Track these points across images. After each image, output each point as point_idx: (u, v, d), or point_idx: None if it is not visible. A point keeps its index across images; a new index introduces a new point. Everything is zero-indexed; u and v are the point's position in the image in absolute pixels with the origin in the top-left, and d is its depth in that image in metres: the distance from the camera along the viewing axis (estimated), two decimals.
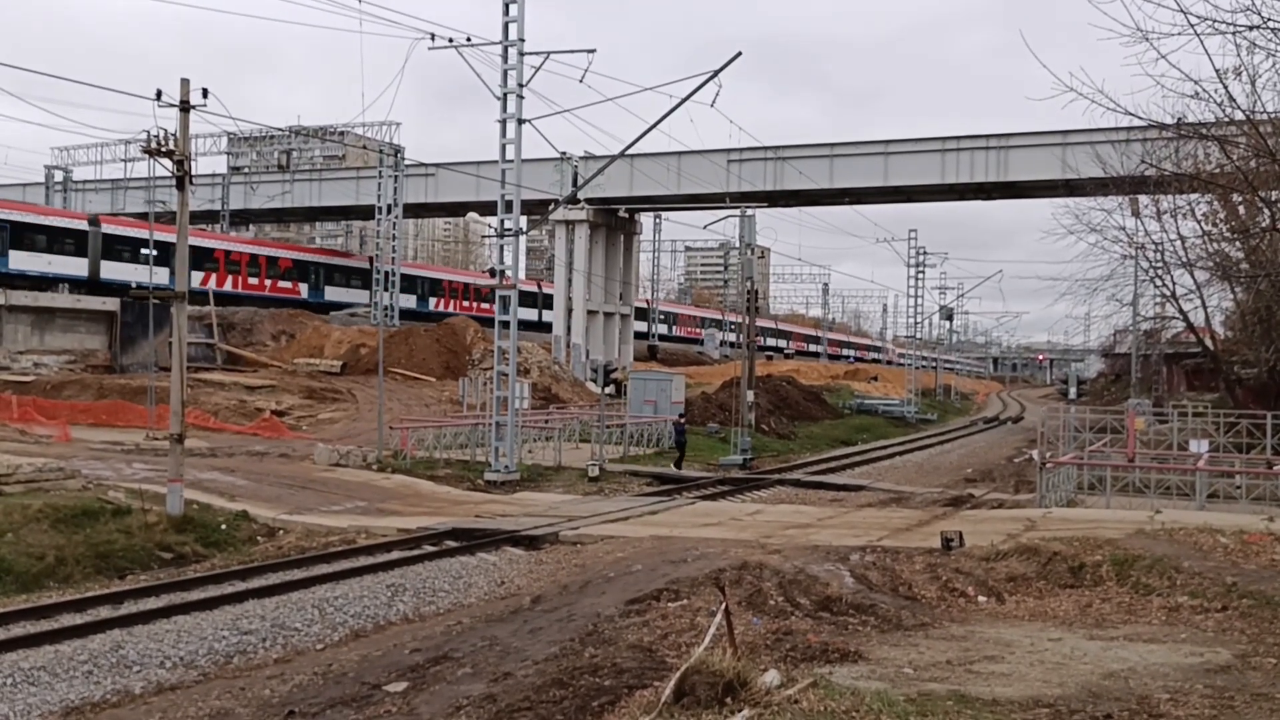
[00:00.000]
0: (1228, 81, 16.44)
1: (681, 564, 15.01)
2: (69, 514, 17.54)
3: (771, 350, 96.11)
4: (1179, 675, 9.43)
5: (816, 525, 20.38)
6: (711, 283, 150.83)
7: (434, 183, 60.18)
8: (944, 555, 15.32)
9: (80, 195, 68.79)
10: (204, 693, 11.21)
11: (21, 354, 45.58)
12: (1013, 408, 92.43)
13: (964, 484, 33.02)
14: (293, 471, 26.92)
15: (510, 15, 27.80)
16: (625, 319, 62.26)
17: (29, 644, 12.20)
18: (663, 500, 24.90)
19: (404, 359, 49.15)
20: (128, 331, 48.21)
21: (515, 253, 29.33)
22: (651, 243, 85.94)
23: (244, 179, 71.18)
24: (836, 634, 11.12)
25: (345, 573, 16.23)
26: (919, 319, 77.56)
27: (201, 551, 17.83)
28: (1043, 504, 23.26)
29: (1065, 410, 35.89)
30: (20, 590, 15.11)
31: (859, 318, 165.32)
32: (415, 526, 20.01)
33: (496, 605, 14.71)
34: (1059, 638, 11.24)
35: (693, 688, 7.51)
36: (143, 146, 19.00)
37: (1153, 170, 28.82)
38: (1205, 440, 29.33)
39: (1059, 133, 45.37)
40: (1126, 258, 40.40)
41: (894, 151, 51.92)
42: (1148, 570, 13.88)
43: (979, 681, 9.20)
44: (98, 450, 28.69)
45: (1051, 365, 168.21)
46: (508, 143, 28.20)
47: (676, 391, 41.16)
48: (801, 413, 51.94)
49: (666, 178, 51.96)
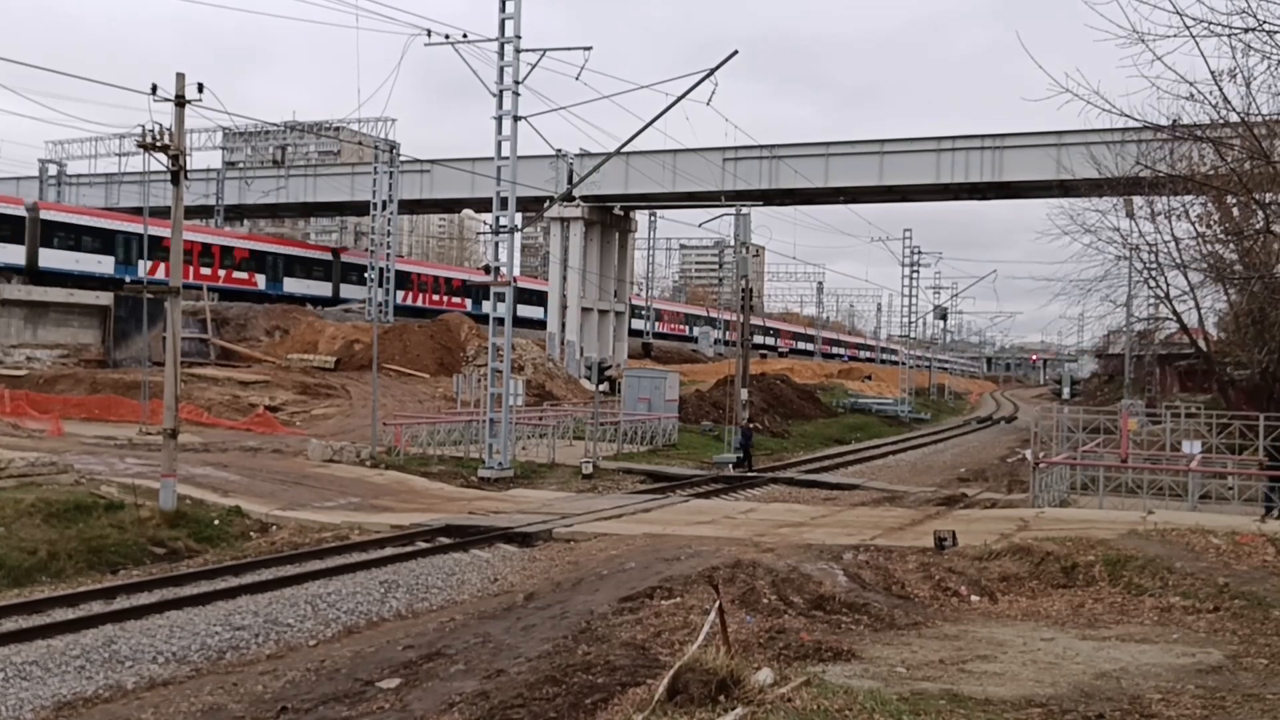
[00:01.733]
0: (1223, 83, 16.50)
1: (675, 562, 15.01)
2: (61, 508, 17.50)
3: (766, 349, 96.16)
4: (1171, 675, 9.45)
5: (810, 524, 20.40)
6: (706, 281, 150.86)
7: (429, 179, 60.12)
8: (937, 554, 15.35)
9: (74, 189, 68.57)
10: (196, 688, 11.19)
11: (14, 348, 45.46)
12: (1006, 407, 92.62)
13: (957, 483, 33.08)
14: (286, 467, 26.88)
15: (507, 12, 27.78)
16: (620, 316, 62.27)
17: (21, 638, 12.18)
18: (656, 498, 24.91)
19: (398, 355, 49.11)
20: (121, 326, 48.10)
21: (511, 250, 29.32)
22: (646, 240, 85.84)
23: (239, 174, 70.99)
24: (830, 633, 11.13)
25: (338, 569, 16.22)
26: (913, 318, 77.74)
27: (194, 547, 17.81)
28: (1036, 504, 23.30)
29: (1059, 410, 35.90)
30: (12, 585, 15.07)
31: (854, 316, 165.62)
32: (409, 523, 19.99)
33: (490, 602, 14.71)
34: (1051, 637, 11.27)
35: (686, 685, 7.52)
36: (138, 141, 18.95)
37: (1148, 172, 28.81)
38: (1198, 441, 29.36)
39: (1054, 133, 45.43)
40: (1121, 259, 40.32)
41: (889, 151, 51.97)
42: (1140, 571, 13.91)
43: (972, 681, 9.21)
44: (90, 445, 28.63)
45: (1045, 365, 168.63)
46: (503, 139, 28.17)
47: (670, 389, 41.16)
48: (795, 411, 51.99)
49: (662, 176, 51.97)
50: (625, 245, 63.50)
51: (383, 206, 57.58)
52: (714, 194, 49.16)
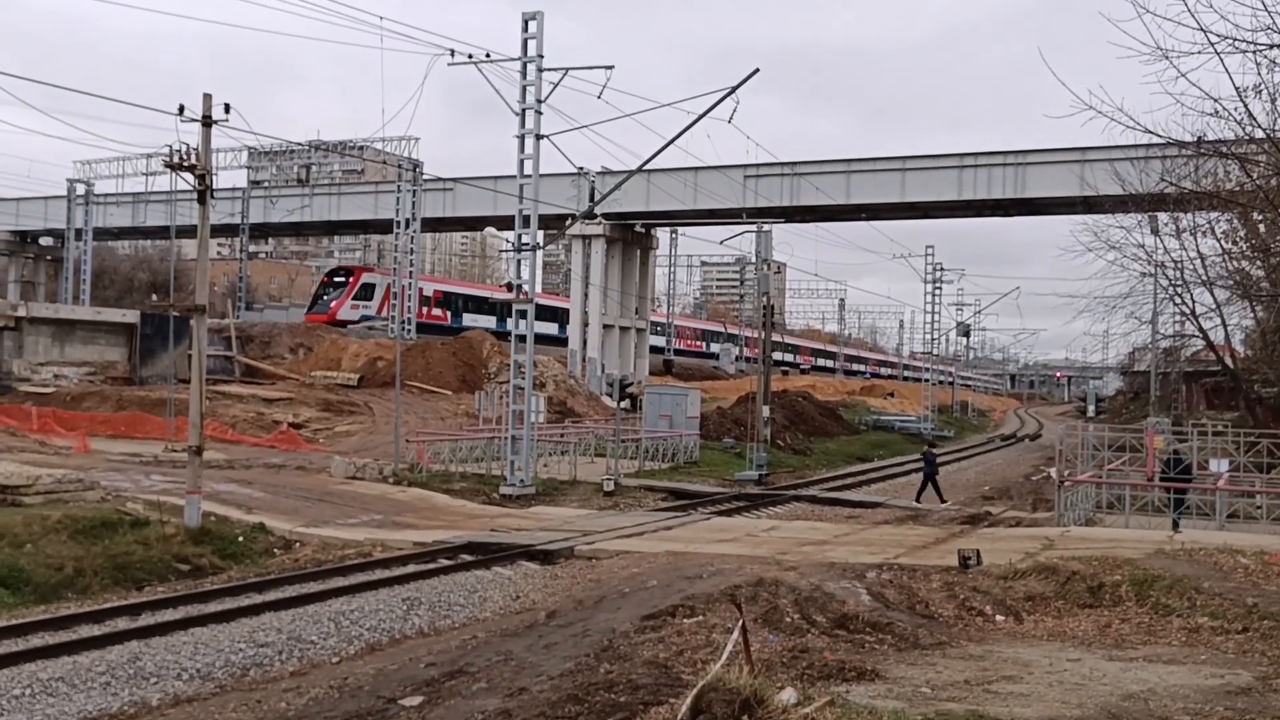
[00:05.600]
0: (1248, 99, 16.45)
1: (697, 580, 14.97)
2: (87, 525, 17.63)
3: (787, 365, 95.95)
4: (1199, 697, 9.33)
5: (833, 542, 20.30)
6: (727, 298, 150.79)
7: (452, 197, 60.42)
8: (961, 574, 15.23)
9: (101, 209, 69.29)
10: (220, 705, 11.23)
11: (42, 365, 45.95)
12: (1030, 425, 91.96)
13: (981, 501, 32.85)
14: (309, 484, 27.01)
15: (529, 32, 27.94)
16: (641, 333, 62.30)
17: (47, 655, 12.25)
18: (678, 515, 24.86)
19: (420, 372, 49.29)
20: (147, 344, 48.55)
21: (533, 267, 29.42)
22: (668, 258, 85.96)
23: (264, 193, 71.57)
24: (853, 652, 11.06)
25: (361, 586, 16.26)
26: (936, 335, 77.39)
27: (218, 563, 17.89)
28: (1061, 522, 23.10)
29: (1083, 428, 35.62)
30: (39, 601, 15.18)
31: (876, 333, 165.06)
32: (431, 540, 20.02)
33: (512, 620, 14.69)
34: (1078, 658, 11.16)
35: (709, 705, 7.48)
36: (165, 161, 19.15)
37: (1172, 188, 28.68)
38: (1225, 459, 29.09)
39: (1077, 149, 45.25)
40: (1145, 275, 40.15)
41: (911, 168, 51.87)
42: (1167, 590, 13.76)
43: (997, 702, 9.13)
44: (116, 462, 28.85)
45: (1069, 383, 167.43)
46: (525, 158, 28.31)
47: (692, 406, 41.11)
48: (817, 428, 51.81)
49: (683, 193, 52.03)
50: (646, 262, 63.58)
51: (406, 225, 57.93)
52: (735, 211, 49.18)
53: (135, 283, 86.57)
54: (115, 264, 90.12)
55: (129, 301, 71.38)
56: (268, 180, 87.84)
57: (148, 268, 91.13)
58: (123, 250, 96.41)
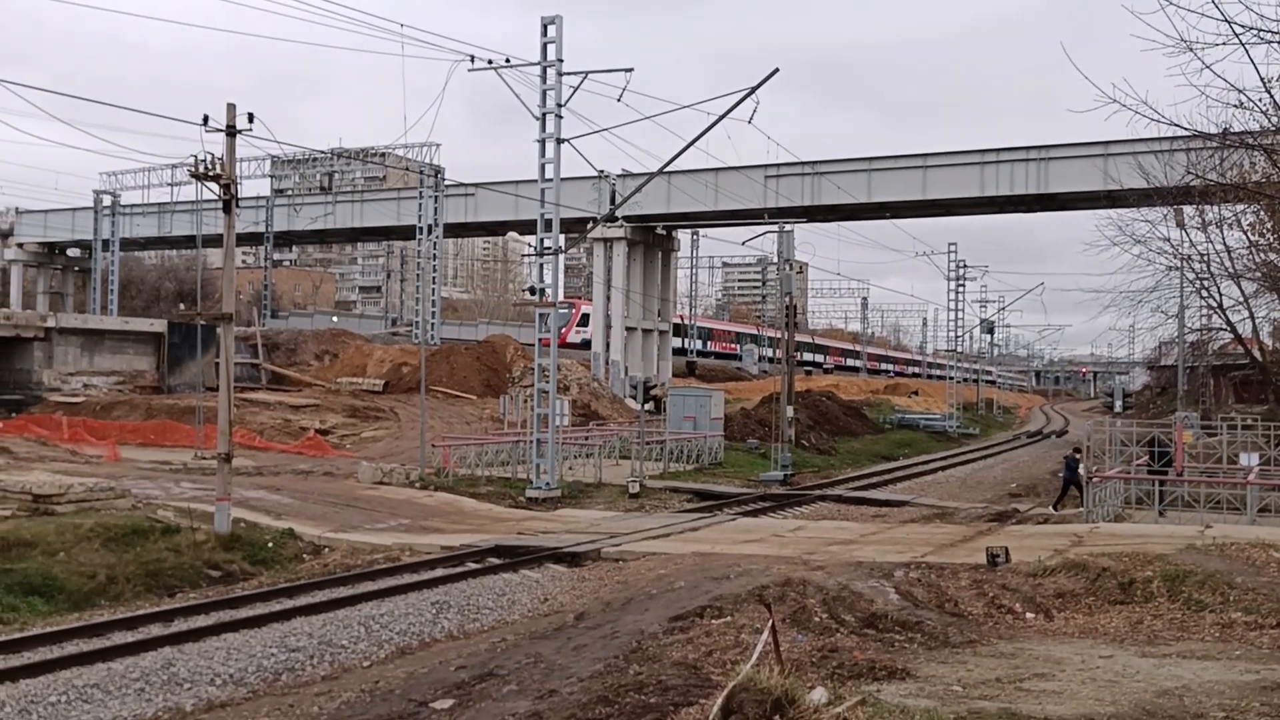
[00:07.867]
0: (1273, 90, 16.26)
1: (724, 581, 14.97)
2: (119, 533, 17.80)
3: (811, 365, 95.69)
4: (1234, 693, 9.26)
5: (859, 541, 20.25)
6: (749, 298, 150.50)
7: (473, 202, 60.65)
8: (990, 571, 15.17)
9: (128, 219, 69.98)
10: (253, 710, 11.33)
11: (72, 375, 46.45)
12: (1056, 421, 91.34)
13: (1008, 499, 32.65)
14: (337, 489, 27.18)
15: (549, 37, 28.03)
16: (663, 335, 62.32)
17: (82, 661, 12.39)
18: (703, 516, 24.85)
19: (445, 377, 49.51)
20: (175, 352, 49.01)
21: (555, 271, 29.49)
22: (689, 259, 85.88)
23: (288, 201, 72.09)
24: (883, 651, 11.03)
25: (390, 590, 16.34)
26: (960, 332, 76.96)
27: (249, 569, 18.02)
28: (1089, 519, 22.96)
29: (1111, 424, 35.32)
30: (72, 608, 15.35)
31: (899, 332, 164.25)
32: (458, 544, 20.11)
33: (540, 622, 14.74)
34: (1110, 655, 11.09)
35: (740, 705, 7.49)
36: (190, 171, 19.32)
37: (1198, 181, 28.43)
38: (1255, 453, 28.81)
39: (1100, 143, 44.94)
40: (1171, 269, 39.81)
41: (932, 165, 51.62)
42: (1199, 586, 13.66)
43: (1030, 699, 9.09)
44: (146, 470, 29.14)
45: (1095, 378, 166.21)
46: (547, 162, 28.38)
47: (716, 408, 41.09)
48: (842, 428, 51.64)
49: (704, 194, 52.01)
50: (668, 264, 63.61)
51: (428, 230, 58.20)
52: (756, 211, 49.13)
53: (162, 292, 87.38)
54: (142, 274, 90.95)
55: (156, 311, 72.06)
56: (291, 188, 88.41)
57: (174, 277, 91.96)
58: (149, 260, 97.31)
